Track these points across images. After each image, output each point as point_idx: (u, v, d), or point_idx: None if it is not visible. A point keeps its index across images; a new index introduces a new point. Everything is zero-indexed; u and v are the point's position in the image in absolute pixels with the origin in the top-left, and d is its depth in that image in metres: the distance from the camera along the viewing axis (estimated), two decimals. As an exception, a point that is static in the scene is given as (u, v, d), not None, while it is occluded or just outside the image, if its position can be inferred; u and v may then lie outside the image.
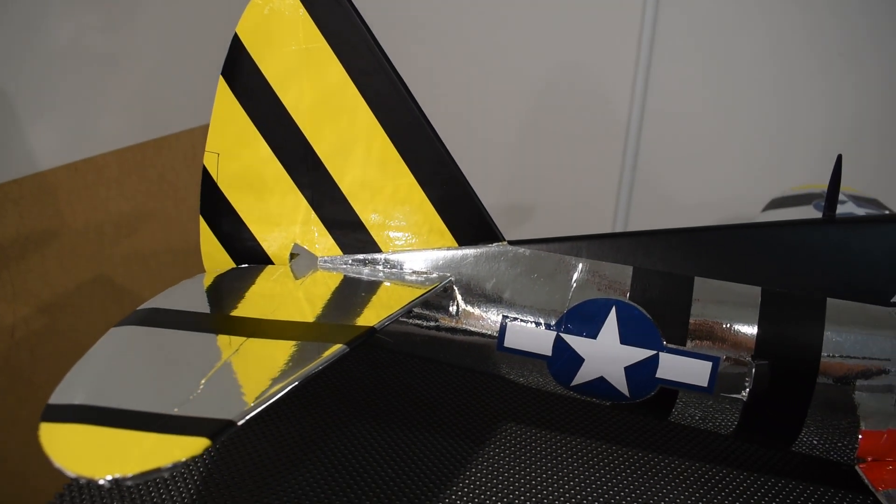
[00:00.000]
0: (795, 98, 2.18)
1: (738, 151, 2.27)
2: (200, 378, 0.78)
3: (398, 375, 1.33)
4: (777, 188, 1.81)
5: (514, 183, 2.48)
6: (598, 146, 2.35)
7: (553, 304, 1.02)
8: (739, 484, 1.07)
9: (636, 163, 2.32)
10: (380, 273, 1.08)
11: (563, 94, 2.37)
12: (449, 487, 1.03)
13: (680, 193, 2.33)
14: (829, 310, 0.97)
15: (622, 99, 2.29)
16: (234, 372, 0.81)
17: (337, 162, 1.07)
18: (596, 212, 2.40)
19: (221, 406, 0.73)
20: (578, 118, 2.36)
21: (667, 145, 2.31)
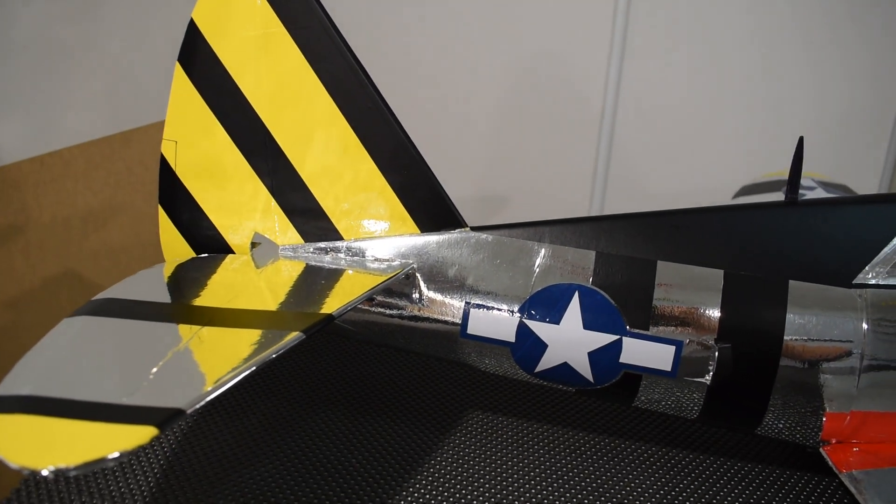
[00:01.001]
0: (769, 87, 2.19)
1: (712, 140, 2.28)
2: (152, 368, 0.77)
3: (362, 364, 1.32)
4: (750, 176, 1.82)
5: (488, 174, 2.47)
6: (573, 137, 2.35)
7: (516, 290, 1.01)
8: (706, 468, 1.07)
9: (610, 153, 2.32)
10: (342, 261, 1.06)
11: (537, 85, 2.36)
12: (414, 476, 1.02)
13: (654, 183, 2.33)
14: (791, 292, 0.97)
15: (596, 89, 2.29)
16: (186, 361, 0.79)
17: (297, 149, 1.05)
18: (571, 202, 2.39)
19: (171, 395, 0.71)
20: (552, 109, 2.36)
21: (641, 135, 2.31)
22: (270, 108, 1.05)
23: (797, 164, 1.03)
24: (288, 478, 1.00)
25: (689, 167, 2.28)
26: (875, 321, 0.95)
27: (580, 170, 2.35)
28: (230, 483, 0.99)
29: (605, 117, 2.28)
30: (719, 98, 2.22)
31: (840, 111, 2.15)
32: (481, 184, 2.46)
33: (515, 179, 2.45)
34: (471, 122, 2.44)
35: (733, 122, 2.23)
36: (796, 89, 2.17)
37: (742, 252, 0.99)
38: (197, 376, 0.77)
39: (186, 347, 0.82)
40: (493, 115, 2.43)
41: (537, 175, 2.41)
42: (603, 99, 2.28)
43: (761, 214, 1.02)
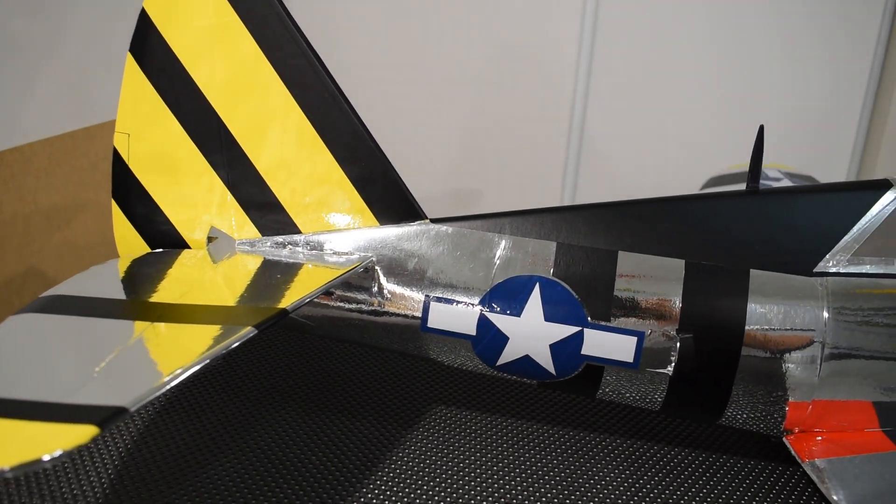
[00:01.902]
0: (738, 80, 2.20)
1: (682, 132, 2.28)
2: (97, 365, 0.74)
3: (323, 360, 1.30)
4: (720, 168, 1.82)
5: (459, 169, 2.46)
6: (543, 131, 2.34)
7: (476, 282, 0.99)
8: (671, 460, 1.06)
9: (581, 146, 2.32)
10: (299, 255, 1.04)
11: (506, 79, 2.35)
12: (375, 472, 1.00)
13: (626, 175, 2.33)
14: (752, 281, 0.96)
15: (566, 82, 2.28)
16: (133, 358, 0.77)
17: (252, 141, 1.03)
18: (542, 196, 2.39)
19: (114, 392, 0.69)
20: (522, 103, 2.35)
21: (612, 128, 2.31)
22: (225, 99, 1.03)
23: (758, 153, 1.03)
24: (246, 477, 0.98)
25: (660, 159, 2.28)
26: (836, 310, 0.95)
27: (551, 164, 2.35)
28: (186, 483, 0.96)
29: (575, 111, 2.27)
30: (689, 91, 2.22)
31: (808, 103, 2.17)
32: (452, 179, 2.45)
33: (486, 174, 2.44)
34: (440, 116, 2.42)
35: (703, 115, 2.23)
36: (765, 82, 2.17)
37: (703, 241, 0.99)
38: (143, 374, 0.75)
39: (134, 344, 0.80)
40: (463, 109, 2.41)
41: (508, 170, 2.40)
42: (573, 92, 2.27)
43: (722, 204, 1.02)
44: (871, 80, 2.16)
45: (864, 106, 2.19)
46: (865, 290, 0.96)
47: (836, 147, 2.20)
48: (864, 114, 2.19)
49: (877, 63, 2.15)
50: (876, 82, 2.16)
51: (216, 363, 1.26)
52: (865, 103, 2.18)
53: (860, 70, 2.16)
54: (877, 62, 2.15)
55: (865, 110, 2.19)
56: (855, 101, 2.17)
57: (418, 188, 1.09)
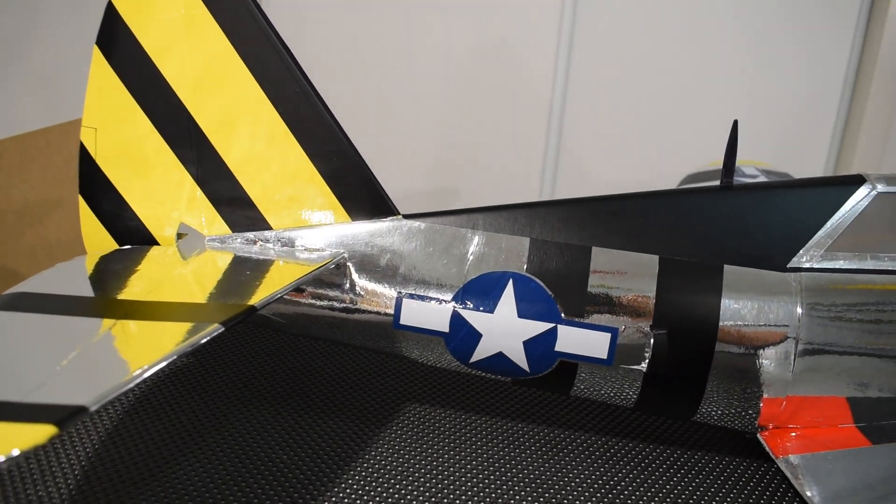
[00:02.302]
0: (715, 77, 2.20)
1: (662, 129, 2.28)
2: (58, 364, 0.73)
3: (295, 359, 1.29)
4: (700, 163, 1.82)
5: (437, 167, 2.44)
6: (522, 128, 2.34)
7: (449, 278, 0.98)
8: (645, 457, 1.06)
9: (560, 144, 2.31)
10: (270, 251, 1.03)
11: (485, 76, 2.34)
12: (347, 471, 0.99)
13: (604, 173, 2.33)
14: (726, 277, 0.96)
15: (544, 80, 2.28)
16: (96, 356, 0.75)
17: (222, 135, 1.01)
18: (520, 194, 2.37)
19: (75, 391, 0.68)
20: (501, 100, 2.34)
21: (590, 125, 2.30)
22: (194, 93, 1.01)
23: (731, 148, 1.03)
24: (216, 477, 0.96)
25: (638, 158, 2.28)
26: (810, 305, 0.95)
27: (529, 163, 2.34)
28: (154, 484, 0.95)
29: (553, 110, 2.27)
30: (666, 90, 2.22)
31: (784, 101, 2.17)
32: (429, 178, 2.44)
33: (463, 174, 2.42)
34: (417, 115, 2.41)
35: (680, 113, 2.24)
36: (742, 79, 2.18)
37: (677, 237, 0.98)
38: (105, 372, 0.73)
39: (98, 342, 0.78)
40: (440, 108, 2.40)
41: (486, 169, 2.39)
42: (551, 91, 2.26)
43: (696, 199, 1.01)
44: (847, 78, 2.17)
45: (841, 103, 2.20)
46: (839, 285, 0.96)
47: (813, 144, 2.21)
48: (840, 111, 2.20)
49: (853, 60, 2.16)
50: (852, 80, 2.17)
51: (186, 361, 1.25)
52: (842, 101, 2.20)
53: (836, 68, 2.17)
54: (853, 59, 2.16)
55: (842, 108, 2.20)
56: (831, 98, 2.18)
57: (395, 187, 1.08)
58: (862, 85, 2.16)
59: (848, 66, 2.16)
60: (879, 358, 0.96)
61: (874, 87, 2.09)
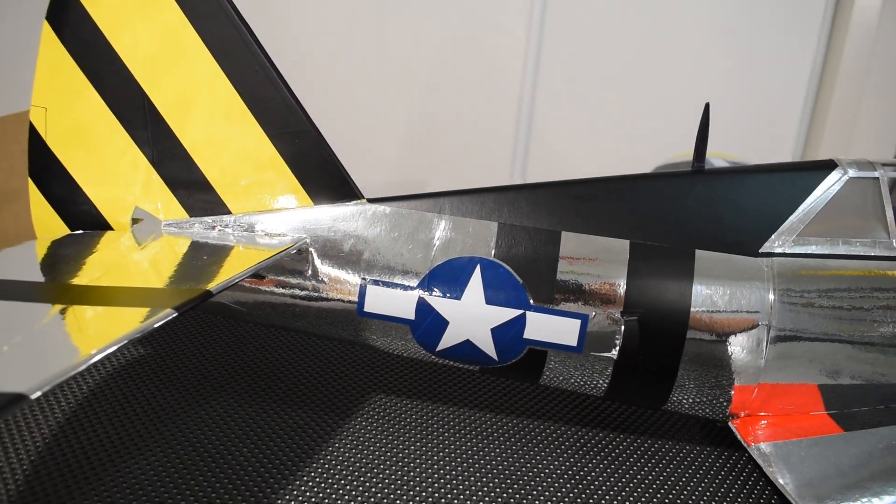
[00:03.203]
0: (685, 67, 2.19)
1: (633, 121, 2.27)
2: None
3: (257, 349, 1.25)
4: (670, 154, 1.81)
5: (406, 158, 2.41)
6: (492, 120, 2.31)
7: (415, 264, 0.95)
8: (616, 447, 1.04)
9: (529, 135, 2.29)
10: (229, 236, 0.99)
11: (454, 68, 2.31)
12: (310, 464, 0.95)
13: (575, 165, 2.31)
14: (697, 262, 0.94)
15: (514, 71, 2.26)
16: (38, 342, 0.71)
17: (178, 115, 0.97)
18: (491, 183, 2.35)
19: (13, 378, 0.63)
20: (470, 91, 2.31)
21: (561, 116, 2.29)
22: (149, 70, 0.97)
23: (703, 131, 1.01)
24: (172, 471, 0.92)
25: (609, 150, 2.27)
26: (782, 291, 0.93)
27: (499, 154, 2.32)
28: (108, 479, 0.90)
29: (523, 101, 2.25)
30: (636, 80, 2.21)
31: (751, 93, 2.17)
32: (399, 169, 2.41)
33: (433, 165, 2.40)
34: (387, 105, 2.37)
35: (651, 103, 2.23)
36: (711, 70, 2.18)
37: (648, 222, 0.96)
38: (49, 358, 0.69)
39: (41, 328, 0.74)
40: (410, 99, 2.37)
41: (455, 161, 2.37)
42: (521, 83, 2.24)
43: (667, 184, 1.00)
44: (812, 72, 2.18)
45: (807, 96, 2.21)
46: (811, 271, 0.95)
47: (781, 135, 2.22)
48: (806, 103, 2.21)
49: (819, 53, 2.17)
50: (818, 74, 2.18)
51: (142, 352, 1.20)
52: (808, 94, 2.21)
53: (804, 59, 2.17)
54: (819, 52, 2.17)
55: (808, 100, 2.21)
56: (799, 89, 2.19)
57: (365, 178, 1.05)
58: (828, 75, 2.17)
59: (815, 59, 2.17)
60: (851, 345, 0.95)
61: (840, 80, 2.10)
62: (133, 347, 1.22)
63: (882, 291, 0.95)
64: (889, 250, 0.96)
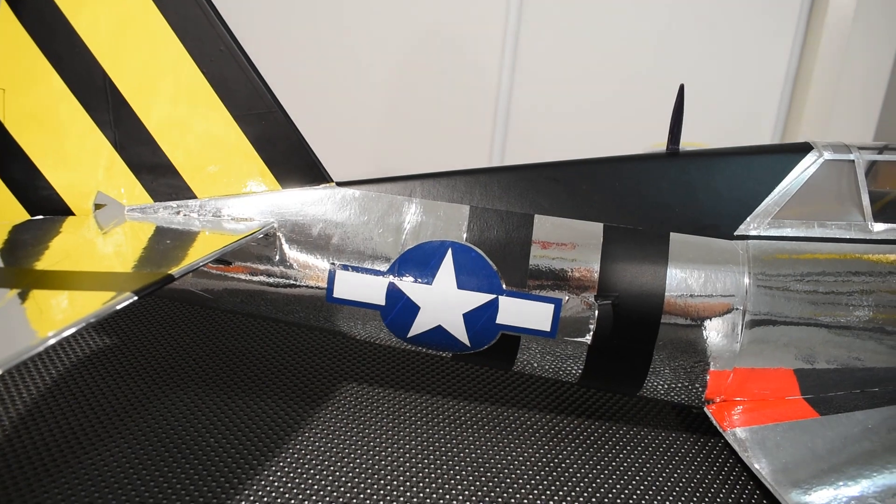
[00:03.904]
0: (662, 53, 2.18)
1: (611, 109, 2.26)
2: (-51, 335, 0.66)
3: (223, 336, 1.23)
4: (647, 144, 1.80)
5: (384, 148, 2.39)
6: (469, 110, 2.30)
7: (385, 248, 0.93)
8: (591, 434, 1.02)
9: (507, 126, 2.28)
10: (195, 221, 0.96)
11: (433, 57, 2.29)
12: (279, 455, 0.93)
13: (554, 155, 2.30)
14: (672, 245, 0.93)
15: (492, 59, 2.24)
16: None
17: (141, 97, 0.95)
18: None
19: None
20: (448, 81, 2.29)
21: (538, 105, 2.28)
22: (111, 51, 0.94)
23: (678, 113, 0.99)
24: (136, 463, 0.90)
25: (587, 140, 2.25)
26: (757, 275, 0.92)
27: (478, 141, 2.30)
28: (69, 472, 0.88)
29: (501, 89, 2.23)
30: (616, 66, 2.20)
31: (730, 80, 2.17)
32: (378, 159, 2.38)
33: (413, 152, 2.37)
34: (366, 93, 2.35)
35: (630, 90, 2.22)
36: (689, 56, 2.17)
37: (622, 204, 0.95)
38: (4, 342, 0.67)
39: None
40: (388, 88, 2.35)
41: (433, 150, 2.35)
42: (499, 71, 2.23)
43: (642, 166, 0.98)
44: (791, 59, 2.18)
45: (786, 83, 2.21)
46: (786, 254, 0.94)
47: (758, 124, 2.22)
48: (784, 92, 2.21)
49: (797, 40, 2.17)
50: (796, 61, 2.18)
51: (108, 343, 1.18)
52: (786, 80, 2.21)
53: (781, 48, 2.17)
54: (797, 39, 2.17)
55: (786, 87, 2.21)
56: (776, 77, 2.18)
57: (343, 167, 1.03)
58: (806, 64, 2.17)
59: (792, 46, 2.17)
60: (827, 328, 0.94)
61: (818, 66, 2.10)
62: (98, 337, 1.19)
63: (858, 275, 0.94)
64: (865, 233, 0.95)
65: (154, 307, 1.32)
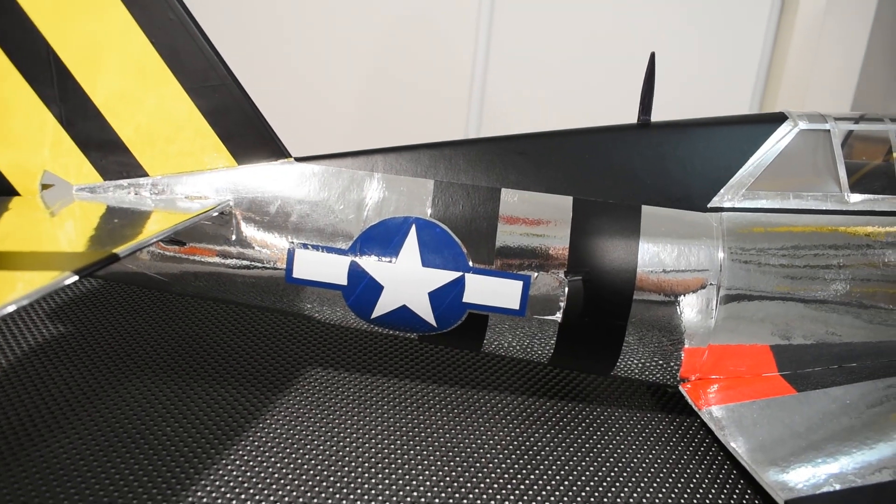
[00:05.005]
0: (636, 32, 2.16)
1: (589, 86, 2.24)
2: None
3: (180, 321, 1.19)
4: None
5: (359, 134, 2.34)
6: (444, 89, 2.26)
7: (346, 226, 0.90)
8: (564, 416, 0.99)
9: (482, 107, 2.25)
10: (147, 200, 0.92)
11: (406, 44, 2.25)
12: (239, 443, 0.89)
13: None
14: (644, 219, 0.90)
15: (466, 45, 2.21)
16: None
17: (88, 70, 0.90)
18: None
19: None
20: (422, 67, 2.26)
21: (513, 87, 2.25)
22: (54, 21, 0.89)
23: (649, 82, 0.96)
24: (88, 454, 0.85)
25: (563, 113, 2.23)
26: (731, 248, 0.89)
27: (453, 121, 2.27)
28: (16, 465, 0.83)
29: (476, 71, 2.20)
30: (592, 44, 2.18)
31: (707, 54, 2.16)
32: (352, 138, 2.34)
33: (386, 139, 2.33)
34: (340, 83, 2.30)
35: (607, 67, 2.19)
36: (666, 33, 2.15)
37: (592, 177, 0.91)
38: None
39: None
40: (363, 71, 2.30)
41: (409, 133, 2.30)
42: (474, 47, 2.19)
43: (612, 137, 0.95)
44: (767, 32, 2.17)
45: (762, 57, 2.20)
46: (761, 227, 0.91)
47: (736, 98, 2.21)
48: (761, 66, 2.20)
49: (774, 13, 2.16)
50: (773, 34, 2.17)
51: (62, 330, 1.13)
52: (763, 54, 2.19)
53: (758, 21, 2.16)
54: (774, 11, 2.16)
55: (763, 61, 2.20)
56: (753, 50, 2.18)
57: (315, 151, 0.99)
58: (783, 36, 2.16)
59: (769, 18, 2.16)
60: (803, 303, 0.91)
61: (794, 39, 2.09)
62: (52, 324, 1.14)
63: (834, 248, 0.92)
64: (841, 204, 0.93)
65: (110, 293, 1.28)
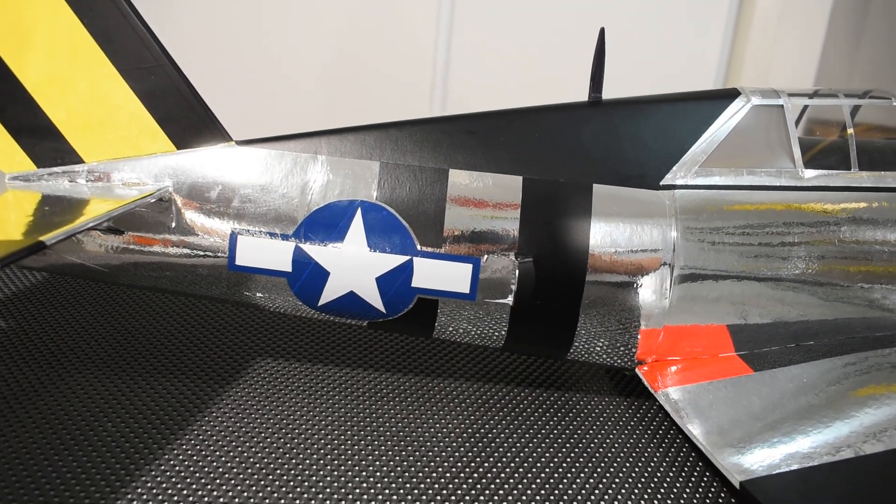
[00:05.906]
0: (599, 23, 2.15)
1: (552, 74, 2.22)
2: None
3: (121, 313, 1.16)
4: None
5: (322, 117, 2.31)
6: (407, 82, 2.23)
7: (290, 210, 0.87)
8: (519, 402, 0.97)
9: (445, 93, 2.22)
10: (82, 187, 0.89)
11: (368, 34, 2.22)
12: (183, 437, 0.86)
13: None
14: (595, 198, 0.88)
15: (427, 33, 2.18)
16: None
17: (16, 53, 0.86)
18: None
19: None
20: (385, 57, 2.23)
21: (473, 77, 2.23)
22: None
23: (599, 58, 0.94)
24: (23, 452, 0.82)
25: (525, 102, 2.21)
26: (685, 227, 0.88)
27: (417, 110, 2.24)
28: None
29: (437, 60, 2.18)
30: (554, 29, 2.16)
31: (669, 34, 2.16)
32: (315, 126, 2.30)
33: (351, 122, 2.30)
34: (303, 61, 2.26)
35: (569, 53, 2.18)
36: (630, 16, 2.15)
37: (542, 156, 0.89)
38: None
39: None
40: (326, 58, 2.27)
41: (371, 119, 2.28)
42: (435, 42, 2.17)
43: (562, 116, 0.93)
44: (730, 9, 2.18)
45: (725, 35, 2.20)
46: (715, 204, 0.90)
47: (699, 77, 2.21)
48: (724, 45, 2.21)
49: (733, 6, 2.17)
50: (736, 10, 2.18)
51: (3, 325, 1.10)
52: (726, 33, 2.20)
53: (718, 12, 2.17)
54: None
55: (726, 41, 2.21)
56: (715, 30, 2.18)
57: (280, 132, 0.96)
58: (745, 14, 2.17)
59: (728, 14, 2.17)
60: (759, 281, 0.90)
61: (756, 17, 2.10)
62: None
63: (789, 224, 0.90)
64: (795, 180, 0.91)
65: (50, 286, 1.24)
